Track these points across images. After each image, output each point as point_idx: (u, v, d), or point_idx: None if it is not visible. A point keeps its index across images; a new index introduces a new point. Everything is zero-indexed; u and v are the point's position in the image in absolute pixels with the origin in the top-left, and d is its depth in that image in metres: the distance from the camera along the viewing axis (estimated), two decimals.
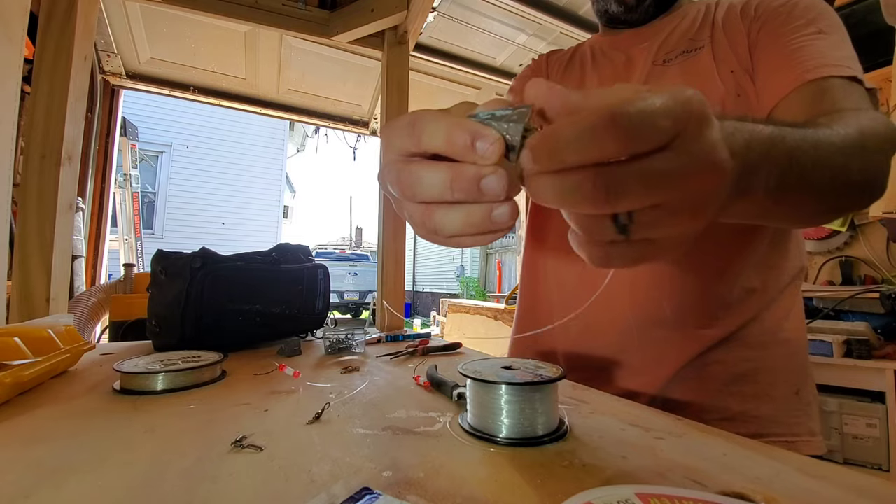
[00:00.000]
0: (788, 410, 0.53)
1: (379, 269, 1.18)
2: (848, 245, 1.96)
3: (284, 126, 9.11)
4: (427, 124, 0.23)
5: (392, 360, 0.67)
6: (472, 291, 9.33)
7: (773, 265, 0.55)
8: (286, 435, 0.35)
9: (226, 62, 1.87)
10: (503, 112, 0.22)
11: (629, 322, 0.57)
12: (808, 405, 0.54)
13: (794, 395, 0.53)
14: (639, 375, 0.57)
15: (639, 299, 0.57)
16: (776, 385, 0.53)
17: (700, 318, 0.54)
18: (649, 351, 0.56)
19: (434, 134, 0.22)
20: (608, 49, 0.70)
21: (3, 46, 0.65)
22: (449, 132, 0.22)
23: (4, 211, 0.67)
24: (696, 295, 0.55)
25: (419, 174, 0.23)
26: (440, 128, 0.22)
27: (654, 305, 0.56)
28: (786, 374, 0.54)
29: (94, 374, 0.56)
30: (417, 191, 0.23)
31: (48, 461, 0.30)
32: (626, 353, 0.58)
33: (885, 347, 1.52)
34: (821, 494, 0.26)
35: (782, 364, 0.54)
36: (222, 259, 0.74)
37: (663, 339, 0.55)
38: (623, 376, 0.58)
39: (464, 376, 0.37)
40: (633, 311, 0.57)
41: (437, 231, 0.24)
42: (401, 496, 0.25)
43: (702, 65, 0.57)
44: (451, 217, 0.23)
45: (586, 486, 0.24)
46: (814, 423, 0.54)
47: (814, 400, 0.56)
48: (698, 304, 0.55)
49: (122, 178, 4.01)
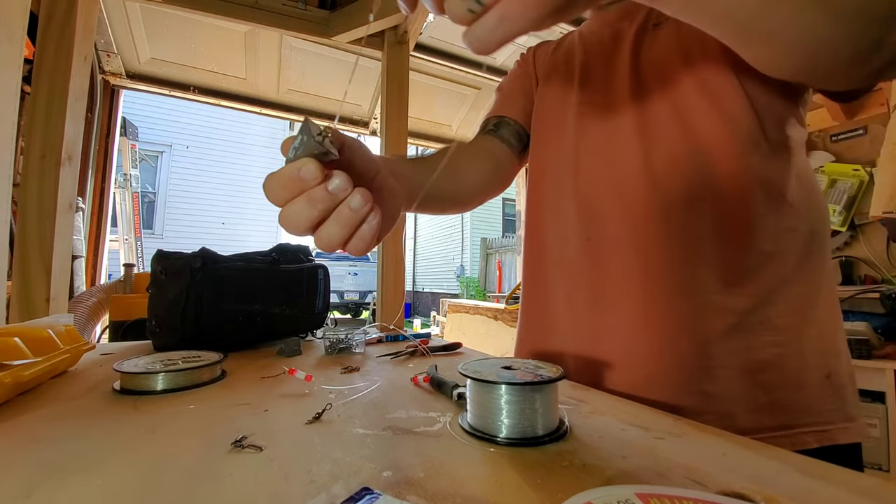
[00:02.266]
0: (820, 397, 0.49)
1: (379, 269, 1.18)
2: (848, 245, 1.96)
3: (284, 126, 9.11)
4: (268, 190, 0.30)
5: (392, 360, 0.67)
6: (472, 291, 9.33)
7: (781, 227, 0.52)
8: (286, 435, 0.35)
9: (226, 62, 1.87)
10: (297, 141, 0.29)
11: (646, 304, 0.53)
12: (842, 388, 0.50)
13: (825, 380, 0.49)
14: (658, 364, 0.52)
15: (653, 273, 0.53)
16: (806, 371, 0.49)
17: (721, 284, 0.50)
18: (669, 330, 0.52)
19: (276, 192, 0.30)
20: (597, 28, 0.68)
21: (3, 46, 0.65)
22: (283, 185, 0.29)
23: (4, 211, 0.67)
24: (712, 261, 0.51)
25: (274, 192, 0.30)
26: (274, 186, 0.29)
27: (669, 277, 0.53)
28: (816, 357, 0.50)
29: (94, 374, 0.56)
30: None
31: (48, 461, 0.30)
32: (642, 342, 0.53)
33: (885, 347, 1.53)
34: (821, 494, 0.26)
35: (812, 347, 0.50)
36: (222, 259, 0.74)
37: (687, 312, 0.51)
38: (640, 368, 0.53)
39: (464, 376, 0.37)
40: (648, 287, 0.54)
41: (297, 226, 0.30)
42: (401, 496, 0.25)
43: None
44: (296, 208, 0.29)
45: (586, 486, 0.24)
46: (850, 407, 0.50)
47: (849, 382, 0.51)
48: (716, 270, 0.51)
49: (122, 178, 4.02)
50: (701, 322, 0.51)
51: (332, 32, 1.30)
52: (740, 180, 0.51)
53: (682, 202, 0.52)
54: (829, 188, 1.97)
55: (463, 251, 10.61)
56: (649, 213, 0.54)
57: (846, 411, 0.50)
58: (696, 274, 0.51)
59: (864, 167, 1.89)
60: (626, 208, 0.56)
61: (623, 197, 0.56)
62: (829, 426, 0.48)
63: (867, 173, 1.87)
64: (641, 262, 0.54)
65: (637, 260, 0.54)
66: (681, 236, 0.52)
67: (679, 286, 0.52)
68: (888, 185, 1.22)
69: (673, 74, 0.55)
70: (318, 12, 1.31)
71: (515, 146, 0.73)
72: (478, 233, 10.30)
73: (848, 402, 0.50)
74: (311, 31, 1.31)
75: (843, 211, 1.90)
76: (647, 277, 0.54)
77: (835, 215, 1.92)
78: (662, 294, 0.53)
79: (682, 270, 0.52)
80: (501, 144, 0.71)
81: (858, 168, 1.91)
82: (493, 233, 10.36)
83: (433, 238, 12.39)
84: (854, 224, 1.91)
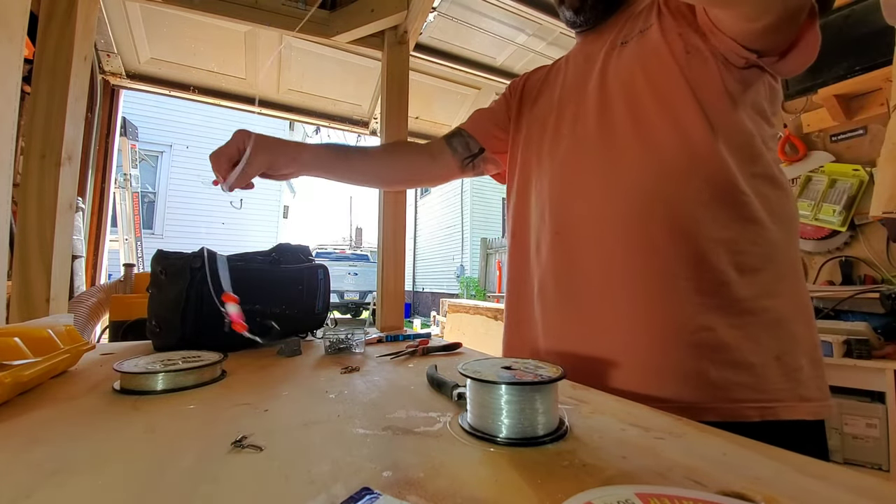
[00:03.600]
0: (769, 377, 0.53)
1: (379, 269, 1.18)
2: (848, 245, 1.96)
3: (284, 126, 9.09)
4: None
5: (392, 360, 0.67)
6: (472, 291, 9.33)
7: (736, 220, 0.56)
8: (286, 435, 0.35)
9: (226, 62, 1.87)
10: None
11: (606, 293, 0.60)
12: (797, 370, 0.54)
13: (774, 361, 0.54)
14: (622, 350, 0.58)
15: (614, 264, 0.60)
16: (756, 353, 0.53)
17: (678, 275, 0.56)
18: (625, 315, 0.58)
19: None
20: (576, 53, 0.78)
21: (3, 46, 0.65)
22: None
23: (4, 211, 0.67)
24: (667, 254, 0.57)
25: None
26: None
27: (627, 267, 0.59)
28: (770, 341, 0.54)
29: (94, 374, 0.56)
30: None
31: (48, 461, 0.30)
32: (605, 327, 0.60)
33: (885, 347, 1.52)
34: (821, 494, 0.26)
35: (767, 332, 0.54)
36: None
37: (645, 299, 0.57)
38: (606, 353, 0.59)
39: (464, 376, 0.37)
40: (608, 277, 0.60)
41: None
42: (401, 496, 0.25)
43: (652, 37, 0.62)
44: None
45: (586, 486, 0.24)
46: (805, 389, 0.54)
47: (808, 366, 0.55)
48: (672, 262, 0.56)
49: (122, 178, 4.01)
50: (658, 306, 0.56)
51: (332, 32, 1.30)
52: (692, 181, 0.57)
53: (639, 203, 0.59)
54: (828, 188, 1.97)
55: (463, 251, 10.61)
56: (612, 214, 0.61)
57: (799, 392, 0.54)
58: (653, 266, 0.57)
59: (864, 167, 1.89)
60: (591, 208, 0.63)
61: (589, 198, 0.64)
62: (776, 403, 0.52)
63: (867, 173, 1.87)
64: (603, 254, 0.61)
65: (598, 251, 0.61)
66: (639, 235, 0.58)
67: (638, 277, 0.58)
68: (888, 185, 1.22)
69: (633, 86, 0.62)
70: (319, 12, 1.31)
71: (460, 153, 0.85)
72: (478, 233, 10.30)
73: (803, 384, 0.54)
74: (311, 31, 1.31)
75: (843, 211, 1.90)
76: (609, 268, 0.60)
77: (835, 215, 1.92)
78: (618, 281, 0.59)
79: (640, 263, 0.58)
80: (447, 149, 0.85)
81: (858, 168, 1.91)
82: (493, 233, 10.36)
83: (433, 238, 12.39)
84: (854, 224, 1.91)
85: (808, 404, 0.54)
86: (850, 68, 1.79)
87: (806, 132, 2.09)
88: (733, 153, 0.57)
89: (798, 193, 2.06)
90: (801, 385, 0.54)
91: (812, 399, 0.54)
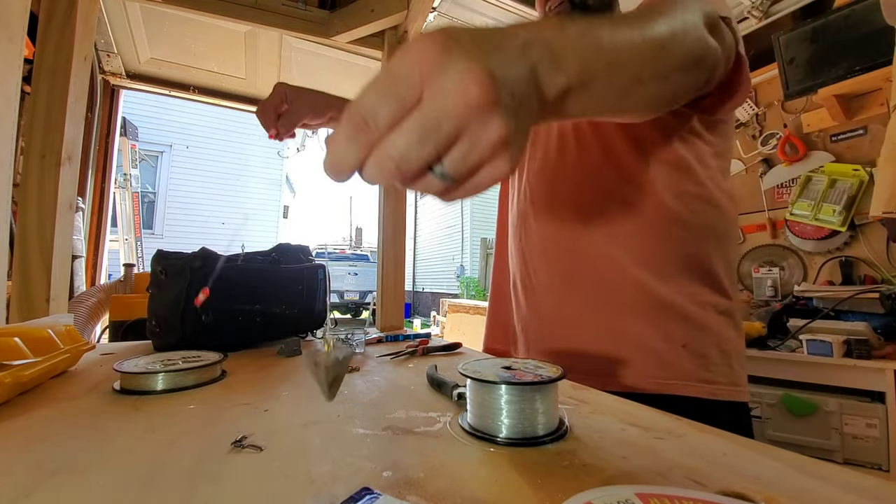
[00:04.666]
0: (673, 360, 0.61)
1: (379, 269, 1.18)
2: (848, 245, 1.96)
3: None
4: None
5: (392, 360, 0.67)
6: (472, 291, 9.33)
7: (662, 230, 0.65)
8: (286, 435, 0.35)
9: (226, 62, 1.87)
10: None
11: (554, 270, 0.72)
12: (703, 357, 0.61)
13: (681, 349, 0.61)
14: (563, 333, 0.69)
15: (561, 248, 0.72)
16: (667, 339, 0.61)
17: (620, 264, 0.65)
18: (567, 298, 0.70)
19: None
20: None
21: (3, 46, 0.65)
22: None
23: (4, 211, 0.67)
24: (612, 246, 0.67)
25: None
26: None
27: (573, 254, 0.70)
28: (681, 331, 0.62)
29: (94, 374, 0.56)
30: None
31: (48, 461, 0.30)
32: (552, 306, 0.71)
33: (884, 347, 1.52)
34: (821, 494, 0.26)
35: (679, 326, 0.62)
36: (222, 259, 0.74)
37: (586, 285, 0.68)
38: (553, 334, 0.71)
39: (464, 376, 0.37)
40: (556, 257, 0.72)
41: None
42: (401, 496, 0.25)
43: None
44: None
45: (586, 486, 0.24)
46: (711, 374, 0.60)
47: (716, 354, 0.62)
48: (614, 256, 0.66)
49: (122, 178, 4.01)
50: (593, 293, 0.67)
51: (332, 32, 1.30)
52: (619, 196, 0.67)
53: (588, 208, 0.70)
54: (828, 188, 1.97)
55: (463, 251, 10.61)
56: (555, 228, 0.73)
57: (703, 375, 0.61)
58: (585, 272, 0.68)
59: (864, 167, 1.89)
60: (553, 199, 0.74)
61: (552, 189, 0.75)
62: (675, 381, 0.60)
63: (867, 173, 1.87)
64: (551, 261, 0.72)
65: (545, 259, 0.73)
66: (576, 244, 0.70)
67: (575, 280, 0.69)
68: (888, 186, 1.22)
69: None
70: (319, 12, 1.31)
71: None
72: (478, 233, 10.29)
73: (710, 370, 0.61)
74: (311, 31, 1.30)
75: (843, 211, 1.90)
76: (553, 276, 0.71)
77: (834, 215, 1.92)
78: (559, 284, 0.70)
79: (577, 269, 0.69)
80: None
81: (858, 168, 1.91)
82: (493, 233, 10.28)
83: (433, 238, 12.38)
84: (854, 224, 1.91)
85: (709, 386, 0.61)
86: (850, 68, 1.79)
87: (806, 132, 2.09)
88: (661, 172, 0.65)
89: (798, 193, 2.06)
90: (709, 370, 0.61)
91: (716, 382, 0.61)
